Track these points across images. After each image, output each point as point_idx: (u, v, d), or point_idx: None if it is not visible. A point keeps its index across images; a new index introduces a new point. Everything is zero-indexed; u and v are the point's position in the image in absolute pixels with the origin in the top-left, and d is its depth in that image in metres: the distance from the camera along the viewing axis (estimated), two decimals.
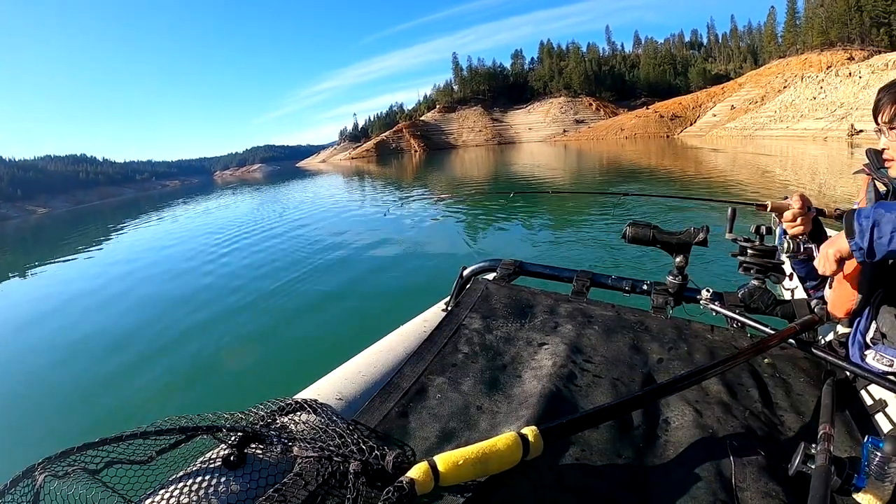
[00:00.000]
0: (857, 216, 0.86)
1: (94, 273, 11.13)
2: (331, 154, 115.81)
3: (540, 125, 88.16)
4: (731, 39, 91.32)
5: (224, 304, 6.50)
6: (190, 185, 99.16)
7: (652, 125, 66.57)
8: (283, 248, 9.77)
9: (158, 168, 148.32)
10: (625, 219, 1.35)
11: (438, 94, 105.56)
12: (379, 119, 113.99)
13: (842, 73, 43.31)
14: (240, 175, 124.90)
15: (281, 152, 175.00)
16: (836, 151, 23.43)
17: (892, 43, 51.27)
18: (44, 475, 0.67)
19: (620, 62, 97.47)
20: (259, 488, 0.71)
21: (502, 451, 0.69)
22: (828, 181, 14.27)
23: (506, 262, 1.45)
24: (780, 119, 43.39)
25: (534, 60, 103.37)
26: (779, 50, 70.41)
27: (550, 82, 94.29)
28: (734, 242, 1.21)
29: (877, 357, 1.00)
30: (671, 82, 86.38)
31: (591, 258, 6.43)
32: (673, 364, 1.03)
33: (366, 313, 5.44)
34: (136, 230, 20.49)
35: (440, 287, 1.56)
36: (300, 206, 19.18)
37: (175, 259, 10.55)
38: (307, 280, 7.15)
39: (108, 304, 7.64)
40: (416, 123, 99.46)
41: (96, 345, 5.69)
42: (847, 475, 0.69)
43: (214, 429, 0.78)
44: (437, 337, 1.12)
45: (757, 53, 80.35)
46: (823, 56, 58.95)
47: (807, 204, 1.14)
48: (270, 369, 4.30)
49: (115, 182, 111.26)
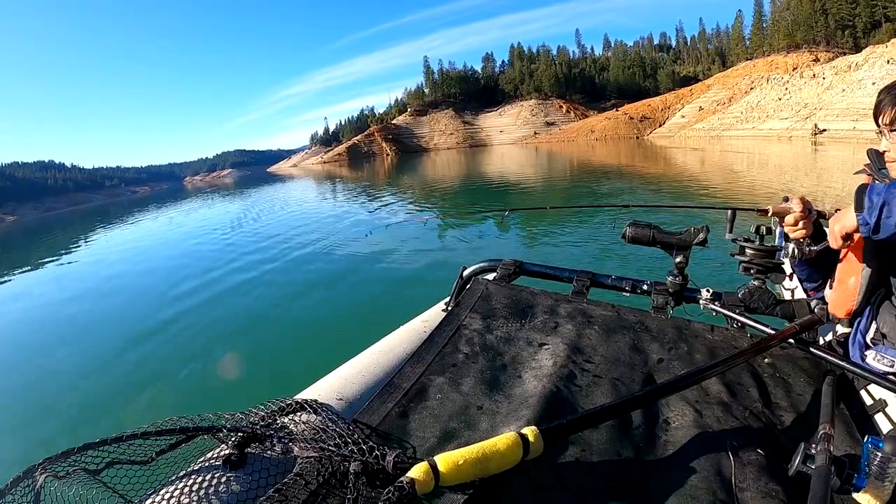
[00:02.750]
0: (870, 191, 0.86)
1: (92, 273, 11.13)
2: (302, 158, 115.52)
3: (511, 128, 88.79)
4: (700, 42, 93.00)
5: (224, 304, 6.51)
6: (160, 191, 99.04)
7: (622, 127, 67.47)
8: (282, 249, 9.78)
9: (127, 174, 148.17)
10: (625, 219, 1.35)
11: (410, 98, 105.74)
12: (350, 123, 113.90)
13: (806, 74, 44.43)
14: (210, 180, 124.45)
15: (251, 157, 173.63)
16: (801, 150, 24.93)
17: (857, 45, 52.18)
18: (44, 475, 0.67)
19: (590, 65, 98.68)
20: (259, 488, 0.71)
21: (502, 451, 0.69)
22: (795, 178, 15.01)
23: (506, 262, 1.45)
24: (746, 119, 44.31)
25: (504, 63, 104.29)
26: (746, 52, 71.95)
27: (521, 85, 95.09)
28: (734, 242, 1.21)
29: (877, 357, 1.00)
30: (640, 84, 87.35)
31: (591, 258, 6.43)
32: (673, 364, 1.03)
33: (366, 313, 5.44)
34: (136, 231, 20.50)
35: (440, 287, 1.56)
36: (292, 208, 19.23)
37: (175, 260, 10.55)
38: (307, 281, 7.16)
39: (107, 304, 7.65)
40: (387, 127, 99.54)
41: (96, 345, 5.69)
42: (847, 475, 0.69)
43: (215, 429, 0.78)
44: (437, 337, 1.12)
45: (725, 55, 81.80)
46: (789, 58, 60.28)
47: (808, 207, 1.14)
48: (270, 369, 4.30)
49: (84, 188, 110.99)
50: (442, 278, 5.83)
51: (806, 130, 32.83)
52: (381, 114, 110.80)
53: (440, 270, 6.56)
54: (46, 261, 15.04)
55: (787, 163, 19.83)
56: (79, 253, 16.49)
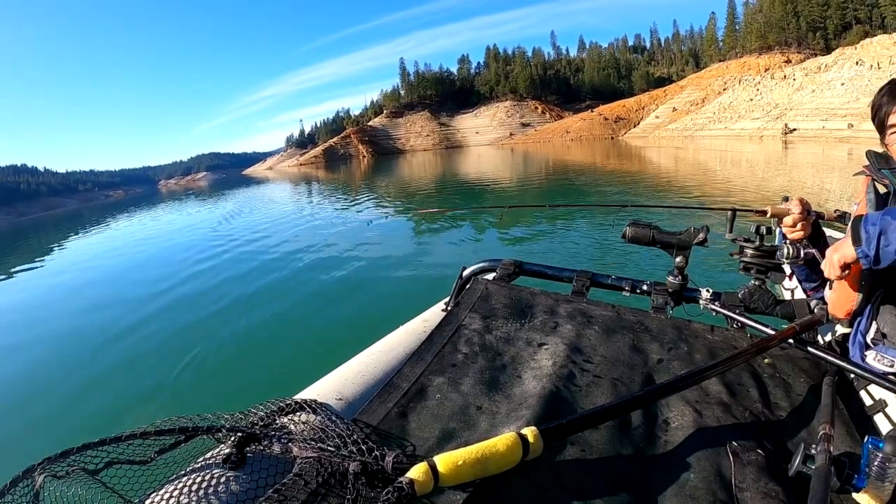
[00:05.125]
0: (865, 223, 0.86)
1: (91, 274, 11.12)
2: (277, 161, 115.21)
3: (487, 129, 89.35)
4: (674, 43, 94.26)
5: (224, 304, 6.50)
6: (135, 194, 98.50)
7: (597, 127, 68.19)
8: (281, 250, 9.78)
9: (101, 178, 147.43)
10: (624, 219, 1.35)
11: (386, 100, 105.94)
12: (326, 125, 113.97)
13: (777, 76, 45.36)
14: (185, 184, 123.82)
15: (226, 160, 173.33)
16: (772, 149, 25.79)
17: (828, 46, 53.04)
18: (43, 475, 0.67)
19: (565, 66, 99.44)
20: (259, 489, 0.71)
21: (502, 451, 0.69)
22: (766, 175, 15.37)
23: (505, 262, 1.45)
24: (718, 120, 45.02)
25: (480, 65, 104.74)
26: (719, 53, 73.10)
27: (497, 86, 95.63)
28: (734, 242, 1.21)
29: (877, 357, 1.00)
30: (615, 86, 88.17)
31: (591, 258, 6.42)
32: (673, 364, 1.03)
33: (366, 313, 5.44)
34: (133, 232, 20.48)
35: (440, 287, 1.56)
36: (287, 209, 19.21)
37: (174, 261, 10.55)
38: (307, 281, 7.15)
39: (108, 304, 7.64)
40: (363, 129, 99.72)
41: (96, 346, 5.68)
42: (847, 475, 0.69)
43: (214, 429, 0.78)
44: (437, 337, 1.12)
45: (698, 57, 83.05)
46: (762, 59, 61.28)
47: (806, 208, 1.14)
48: (270, 369, 4.30)
49: (57, 193, 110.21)
50: (442, 278, 5.84)
51: (777, 130, 33.58)
52: (356, 116, 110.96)
53: (440, 270, 6.56)
54: (36, 261, 15.05)
55: (759, 160, 20.38)
56: (71, 252, 16.50)
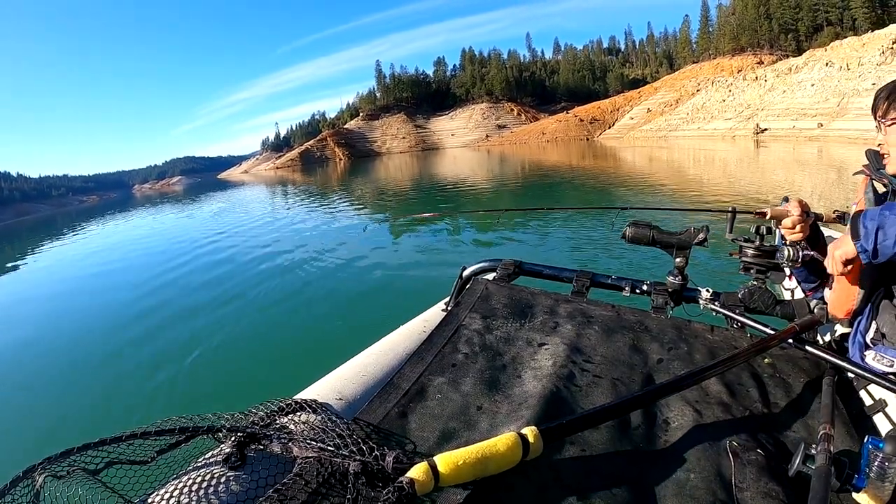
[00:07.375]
0: (863, 219, 0.87)
1: (90, 274, 11.12)
2: (253, 164, 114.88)
3: (463, 131, 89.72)
4: (648, 45, 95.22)
5: (224, 305, 6.50)
6: (109, 199, 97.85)
7: (572, 129, 68.71)
8: (280, 251, 9.78)
9: (75, 183, 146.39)
10: (624, 220, 1.35)
11: (362, 102, 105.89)
12: (302, 128, 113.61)
13: (749, 77, 45.98)
14: (160, 188, 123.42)
15: (201, 164, 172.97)
16: (744, 148, 26.72)
17: (800, 48, 53.67)
18: (44, 475, 0.67)
19: (541, 68, 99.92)
20: (259, 489, 0.71)
21: (502, 451, 0.69)
22: (736, 174, 15.74)
23: (505, 263, 1.45)
24: (692, 120, 45.61)
25: (456, 67, 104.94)
26: (693, 55, 74.03)
27: (472, 89, 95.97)
28: (734, 242, 1.21)
29: (877, 357, 1.00)
30: (590, 87, 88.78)
31: (591, 258, 6.42)
32: (673, 364, 1.03)
33: (366, 313, 5.44)
34: (130, 233, 20.48)
35: (440, 287, 1.56)
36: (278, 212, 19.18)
37: (174, 261, 10.54)
38: (306, 282, 7.15)
39: (108, 304, 7.65)
40: (339, 132, 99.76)
41: (96, 346, 5.69)
42: (847, 475, 0.69)
43: (215, 429, 0.78)
44: (437, 337, 1.12)
45: (672, 58, 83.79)
46: (735, 61, 62.05)
47: (805, 210, 1.15)
48: (270, 369, 4.30)
49: (30, 199, 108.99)
50: (442, 278, 5.84)
51: (748, 130, 34.30)
52: (332, 118, 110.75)
53: (440, 270, 6.55)
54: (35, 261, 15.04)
55: (731, 159, 20.88)
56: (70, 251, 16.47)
